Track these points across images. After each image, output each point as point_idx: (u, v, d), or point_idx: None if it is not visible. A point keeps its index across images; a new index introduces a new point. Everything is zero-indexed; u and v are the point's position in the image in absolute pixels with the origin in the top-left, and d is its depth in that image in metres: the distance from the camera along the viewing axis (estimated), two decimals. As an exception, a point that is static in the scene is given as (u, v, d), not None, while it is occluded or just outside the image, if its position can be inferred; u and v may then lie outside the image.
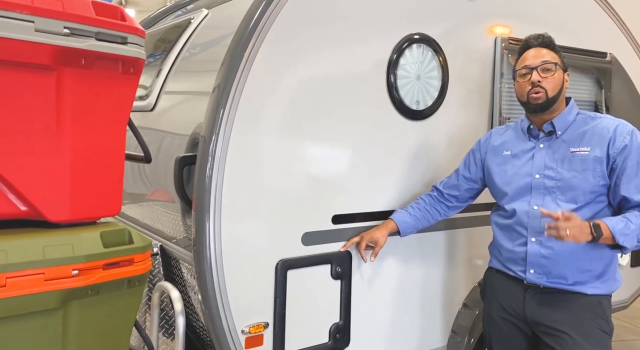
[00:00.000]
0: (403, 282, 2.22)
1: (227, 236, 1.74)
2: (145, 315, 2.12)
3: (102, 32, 1.12)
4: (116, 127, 1.22)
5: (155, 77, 2.39)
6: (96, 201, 1.20)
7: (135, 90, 1.30)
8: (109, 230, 1.20)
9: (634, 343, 4.18)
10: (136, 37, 1.21)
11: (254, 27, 1.76)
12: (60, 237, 1.13)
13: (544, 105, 1.80)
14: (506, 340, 1.93)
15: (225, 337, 1.77)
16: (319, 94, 1.92)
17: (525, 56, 1.85)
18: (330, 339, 2.01)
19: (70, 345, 1.10)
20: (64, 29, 1.07)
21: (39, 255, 1.07)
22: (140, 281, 1.24)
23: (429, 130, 2.22)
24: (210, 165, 1.69)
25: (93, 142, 1.16)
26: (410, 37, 2.13)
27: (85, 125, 1.14)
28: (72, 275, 1.07)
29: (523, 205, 1.84)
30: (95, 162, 1.18)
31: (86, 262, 1.10)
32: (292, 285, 1.89)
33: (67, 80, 1.09)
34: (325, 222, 1.97)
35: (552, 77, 1.79)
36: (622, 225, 1.65)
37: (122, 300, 1.19)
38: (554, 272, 1.77)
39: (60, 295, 1.08)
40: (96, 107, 1.15)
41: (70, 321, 1.10)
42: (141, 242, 1.25)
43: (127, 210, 2.52)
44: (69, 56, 1.09)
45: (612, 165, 1.74)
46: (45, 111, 1.08)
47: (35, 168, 1.10)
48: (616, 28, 2.90)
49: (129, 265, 1.18)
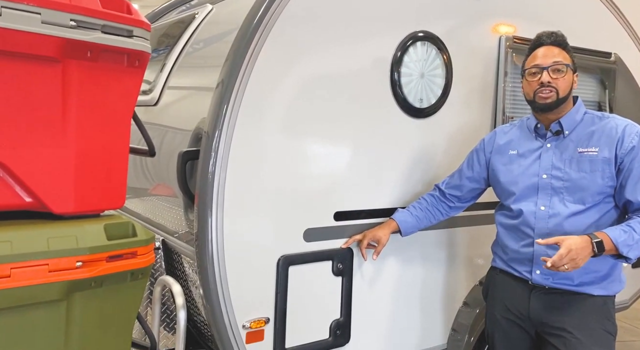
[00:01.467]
0: (404, 279, 2.22)
1: (229, 231, 1.74)
2: (146, 309, 2.13)
3: (108, 25, 1.12)
4: (121, 120, 1.22)
5: (159, 72, 2.39)
6: (100, 194, 1.21)
7: (140, 84, 1.30)
8: (112, 223, 1.20)
9: (633, 344, 4.18)
10: (142, 30, 1.21)
11: (258, 23, 1.76)
12: (65, 228, 1.14)
13: (552, 106, 1.77)
14: (509, 341, 1.92)
15: (227, 332, 1.77)
16: (322, 90, 1.92)
17: (536, 54, 1.81)
18: (331, 335, 2.01)
19: (73, 336, 1.11)
20: (70, 21, 1.07)
21: (43, 247, 1.08)
22: (144, 274, 1.24)
23: (432, 128, 2.22)
24: (213, 161, 1.69)
25: (98, 135, 1.16)
26: (414, 34, 2.13)
27: (91, 118, 1.14)
28: (76, 267, 1.08)
29: (530, 206, 1.82)
30: (100, 154, 1.18)
31: (90, 254, 1.10)
32: (293, 281, 1.89)
33: (73, 73, 1.09)
34: (327, 219, 1.97)
35: (563, 78, 1.76)
36: (626, 236, 1.63)
37: (125, 293, 1.20)
38: (560, 273, 1.75)
39: (64, 286, 1.08)
40: (101, 100, 1.15)
41: (74, 312, 1.10)
42: (144, 235, 1.25)
43: (130, 205, 2.53)
44: (75, 48, 1.09)
45: (620, 166, 1.72)
46: (50, 103, 1.08)
47: (40, 160, 1.11)
48: (621, 28, 2.89)
49: (132, 258, 1.18)
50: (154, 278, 2.10)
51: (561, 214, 1.75)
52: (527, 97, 1.85)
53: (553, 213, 1.76)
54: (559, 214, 1.75)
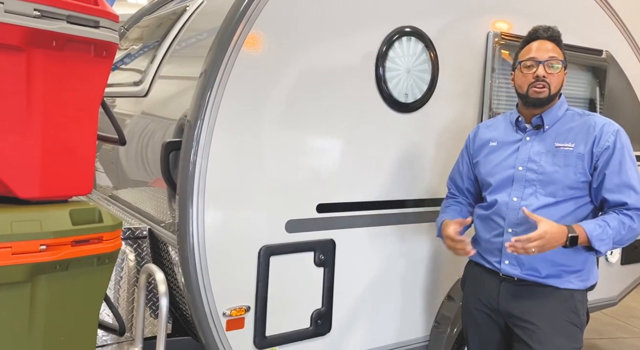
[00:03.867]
0: (387, 272, 2.25)
1: (211, 221, 1.78)
2: (133, 296, 2.17)
3: (73, 15, 1.15)
4: (88, 109, 1.25)
5: (150, 63, 2.42)
6: (67, 180, 1.24)
7: (109, 73, 1.33)
8: (78, 209, 1.24)
9: (624, 341, 4.20)
10: (109, 21, 1.23)
11: (242, 13, 1.78)
12: (29, 213, 1.17)
13: (544, 101, 1.79)
14: (481, 332, 1.96)
15: (207, 319, 1.81)
16: (306, 82, 1.94)
17: (531, 47, 1.81)
18: (312, 325, 2.05)
19: (39, 316, 1.15)
20: (34, 10, 1.09)
21: (6, 230, 1.11)
22: (110, 258, 1.28)
23: (417, 123, 2.24)
24: (194, 151, 1.72)
25: (64, 123, 1.20)
26: (400, 29, 2.14)
27: (57, 106, 1.17)
28: (40, 250, 1.11)
29: (503, 197, 1.85)
30: (67, 142, 1.21)
31: (54, 238, 1.14)
32: (274, 271, 1.93)
33: (38, 61, 1.12)
34: (310, 211, 2.00)
35: (557, 75, 1.78)
36: (600, 230, 1.66)
37: (92, 277, 1.23)
38: (528, 264, 1.79)
39: (28, 268, 1.12)
40: (68, 89, 1.18)
41: (39, 294, 1.14)
42: (111, 221, 1.29)
43: (120, 194, 2.57)
44: (39, 38, 1.12)
45: (595, 163, 1.74)
46: (15, 90, 1.11)
47: (6, 146, 1.13)
48: (613, 25, 2.88)
49: (98, 242, 1.22)
50: (141, 266, 2.14)
51: (532, 205, 1.77)
52: (519, 90, 1.84)
53: (524, 204, 1.79)
54: (530, 205, 1.78)
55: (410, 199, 2.27)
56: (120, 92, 2.59)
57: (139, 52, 2.70)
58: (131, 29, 3.07)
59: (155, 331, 2.09)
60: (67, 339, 1.22)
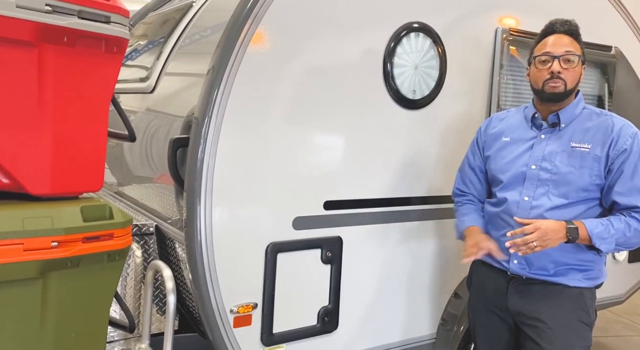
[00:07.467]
0: (394, 269, 2.25)
1: (218, 218, 1.77)
2: (140, 293, 2.17)
3: (84, 11, 1.14)
4: (99, 105, 1.25)
5: (156, 59, 2.41)
6: (78, 177, 1.24)
7: (119, 69, 1.33)
8: (89, 205, 1.24)
9: (630, 338, 4.18)
10: (119, 16, 1.23)
11: (250, 9, 1.77)
12: (40, 209, 1.17)
13: (560, 96, 1.74)
14: (489, 331, 1.95)
15: (214, 316, 1.81)
16: (314, 79, 1.93)
17: (546, 41, 1.75)
18: (319, 322, 2.05)
19: (50, 313, 1.15)
20: (45, 5, 1.09)
21: (18, 226, 1.11)
22: (121, 255, 1.28)
23: (424, 120, 2.23)
24: (202, 148, 1.72)
25: (75, 119, 1.19)
26: (408, 25, 2.12)
27: (68, 102, 1.17)
28: (51, 247, 1.12)
29: (514, 195, 1.82)
30: (77, 138, 1.21)
31: (65, 234, 1.14)
32: (281, 268, 1.92)
33: (49, 57, 1.12)
34: (317, 208, 2.00)
35: (573, 70, 1.72)
36: (602, 228, 1.64)
37: (102, 273, 1.24)
38: (536, 264, 1.78)
39: (39, 265, 1.12)
40: (79, 85, 1.18)
41: (50, 291, 1.15)
42: (122, 217, 1.29)
43: (127, 191, 2.57)
44: (51, 33, 1.12)
45: (610, 166, 1.71)
46: (27, 86, 1.11)
47: (17, 142, 1.14)
48: (622, 21, 2.86)
49: (109, 239, 1.22)
50: (148, 262, 2.14)
51: (543, 206, 1.75)
52: (534, 86, 1.80)
53: (536, 204, 1.77)
54: (541, 205, 1.76)
55: (417, 196, 2.26)
56: (127, 89, 2.59)
57: (145, 49, 2.70)
58: (137, 25, 3.07)
59: (161, 327, 2.09)
60: (78, 336, 1.23)
